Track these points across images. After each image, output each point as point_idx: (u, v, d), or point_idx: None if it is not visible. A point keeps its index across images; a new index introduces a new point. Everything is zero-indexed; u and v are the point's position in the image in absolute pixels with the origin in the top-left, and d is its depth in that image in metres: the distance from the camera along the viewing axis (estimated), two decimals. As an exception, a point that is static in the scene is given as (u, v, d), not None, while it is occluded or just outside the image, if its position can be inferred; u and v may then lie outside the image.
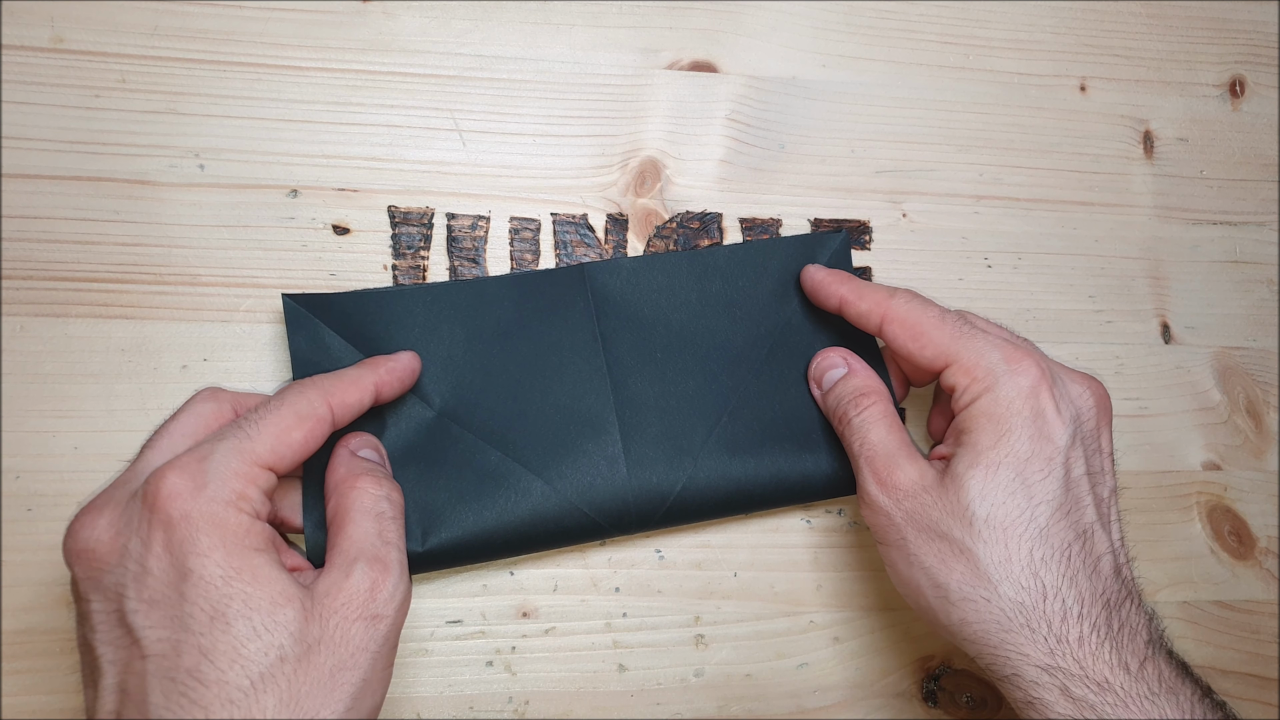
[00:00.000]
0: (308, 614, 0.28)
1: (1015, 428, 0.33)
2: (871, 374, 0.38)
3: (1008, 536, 0.31)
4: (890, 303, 0.36)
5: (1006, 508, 0.32)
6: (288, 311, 0.36)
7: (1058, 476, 0.32)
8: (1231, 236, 0.45)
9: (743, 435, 0.38)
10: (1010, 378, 0.33)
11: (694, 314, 0.39)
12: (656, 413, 0.38)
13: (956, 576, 0.32)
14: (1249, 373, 0.45)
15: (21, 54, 0.36)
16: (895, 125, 0.42)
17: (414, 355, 0.35)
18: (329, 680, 0.27)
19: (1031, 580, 0.31)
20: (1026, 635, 0.30)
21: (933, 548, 0.32)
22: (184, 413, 0.31)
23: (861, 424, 0.36)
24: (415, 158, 0.38)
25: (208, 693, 0.26)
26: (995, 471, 0.32)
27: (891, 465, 0.34)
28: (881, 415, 0.36)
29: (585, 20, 0.40)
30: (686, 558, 0.39)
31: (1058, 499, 0.32)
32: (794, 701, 0.39)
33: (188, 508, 0.27)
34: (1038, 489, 0.32)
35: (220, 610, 0.26)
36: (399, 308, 0.37)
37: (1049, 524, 0.31)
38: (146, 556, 0.27)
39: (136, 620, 0.27)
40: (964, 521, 0.32)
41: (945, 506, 0.32)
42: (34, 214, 0.36)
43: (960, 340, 0.34)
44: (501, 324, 0.37)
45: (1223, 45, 0.46)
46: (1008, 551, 0.31)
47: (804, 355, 0.39)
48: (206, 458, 0.28)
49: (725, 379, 0.39)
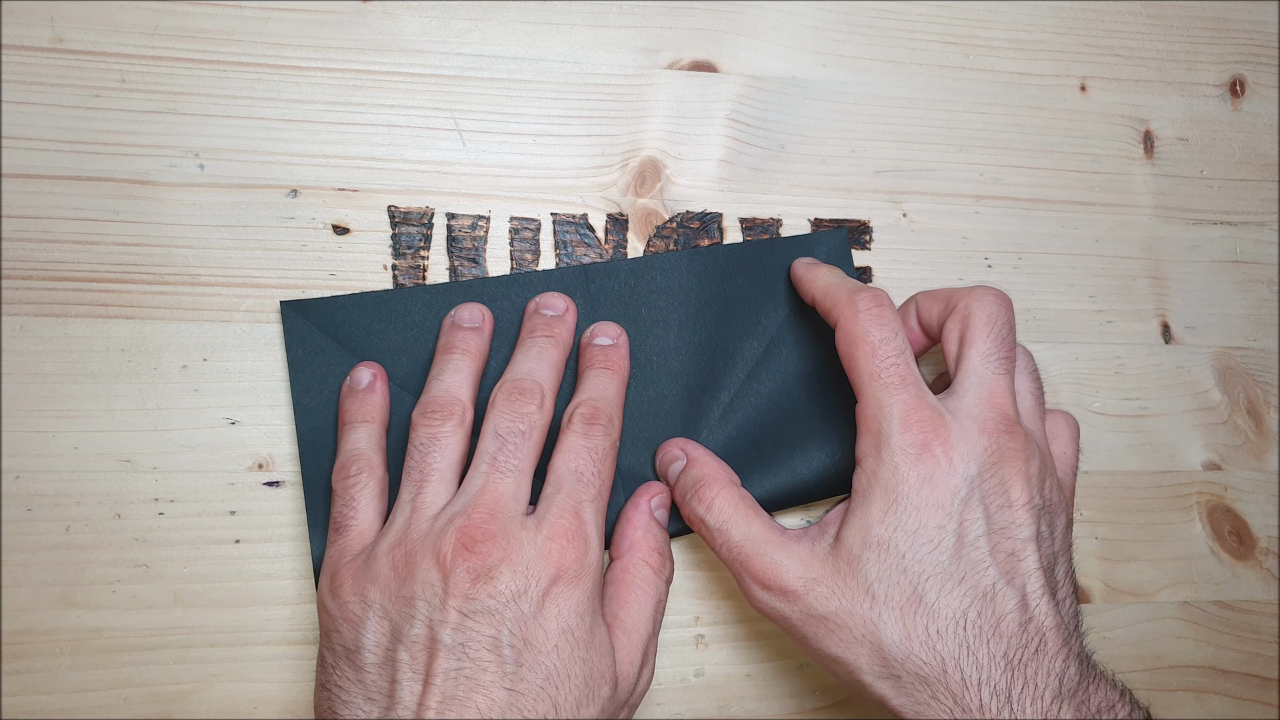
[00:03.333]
0: None
1: (902, 497, 0.31)
2: (705, 456, 0.36)
3: (904, 615, 0.31)
4: (844, 312, 0.34)
5: (900, 586, 0.31)
6: (285, 319, 0.36)
7: (948, 546, 0.31)
8: (1232, 236, 0.45)
9: (738, 436, 0.38)
10: (899, 438, 0.32)
11: (692, 313, 0.39)
12: (651, 416, 0.38)
13: (865, 660, 0.31)
14: (1249, 373, 0.45)
15: (21, 54, 0.36)
16: (895, 125, 0.42)
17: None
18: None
19: (931, 655, 0.30)
20: (936, 707, 0.30)
21: (837, 637, 0.32)
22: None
23: (716, 522, 0.34)
24: (415, 158, 0.38)
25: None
26: (887, 550, 0.31)
27: (768, 565, 0.33)
28: (731, 505, 0.34)
29: (585, 20, 0.40)
30: (686, 558, 0.39)
31: (947, 570, 0.31)
32: (794, 701, 0.39)
33: (569, 570, 0.31)
34: (927, 562, 0.31)
35: None
36: (397, 309, 0.37)
37: (939, 597, 0.31)
38: None
39: None
40: (866, 604, 0.31)
41: (843, 591, 0.32)
42: (34, 214, 0.36)
43: (871, 384, 0.33)
44: (501, 324, 0.37)
45: (1223, 45, 0.46)
46: (905, 630, 0.31)
47: (802, 354, 0.39)
48: (587, 520, 0.32)
49: (722, 379, 0.39)
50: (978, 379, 0.33)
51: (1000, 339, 0.34)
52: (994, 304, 0.34)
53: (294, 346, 0.36)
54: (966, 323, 0.34)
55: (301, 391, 0.36)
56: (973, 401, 0.33)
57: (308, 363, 0.36)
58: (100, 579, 0.35)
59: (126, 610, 0.35)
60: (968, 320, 0.34)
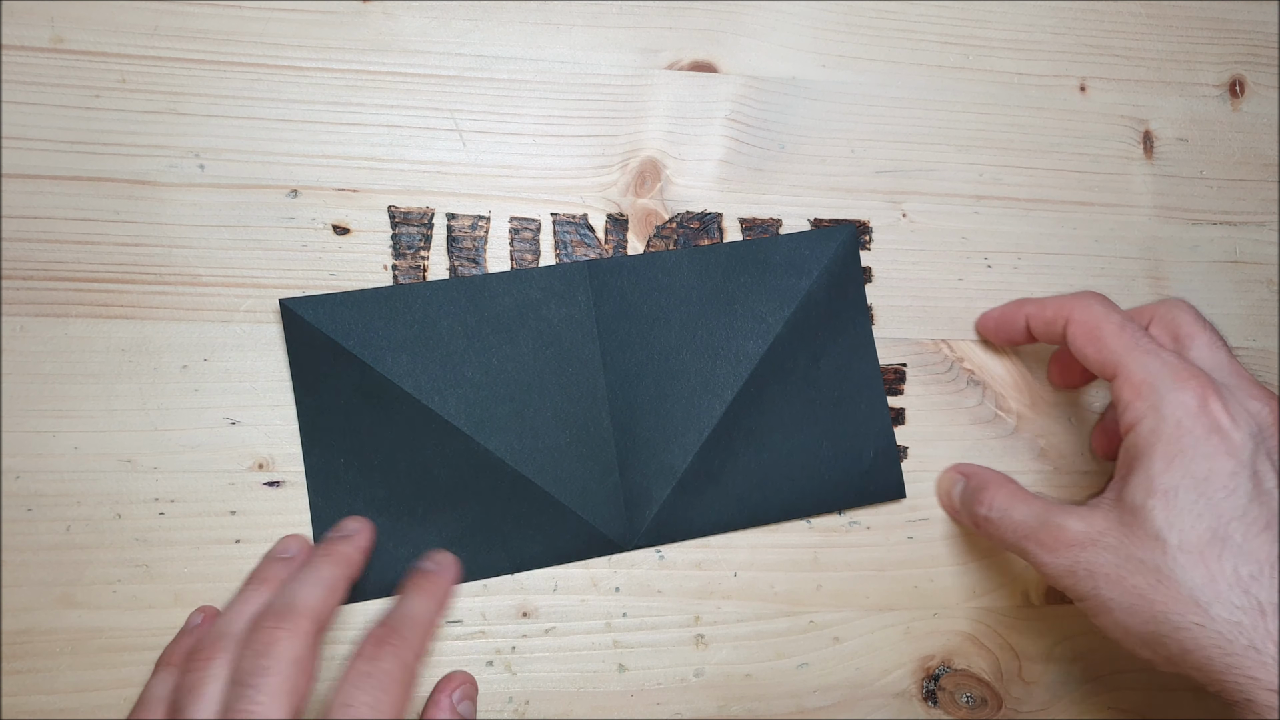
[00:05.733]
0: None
1: (1187, 448, 0.31)
2: (981, 469, 0.38)
3: (1206, 559, 0.30)
4: (1073, 304, 0.36)
5: (1196, 530, 0.30)
6: (285, 319, 0.36)
7: (1245, 491, 0.31)
8: (1231, 236, 0.45)
9: (744, 438, 0.38)
10: (1176, 394, 0.32)
11: (694, 311, 0.39)
12: (653, 415, 0.38)
13: (1161, 607, 0.30)
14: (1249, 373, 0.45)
15: (21, 54, 0.36)
16: (895, 125, 0.42)
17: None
18: None
19: (1245, 598, 0.29)
20: (1253, 657, 0.29)
21: (1128, 586, 0.31)
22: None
23: (998, 514, 0.35)
24: (415, 158, 0.39)
25: None
26: (1175, 496, 0.31)
27: (1050, 529, 0.33)
28: (1007, 495, 0.35)
29: (585, 20, 0.40)
30: (686, 558, 0.39)
31: (1251, 514, 0.30)
32: (794, 701, 0.39)
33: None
34: (1225, 506, 0.30)
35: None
36: (398, 305, 0.37)
37: (1245, 540, 0.30)
38: None
39: None
40: (1157, 551, 0.31)
41: (1132, 543, 0.31)
42: (34, 214, 0.36)
43: (1131, 353, 0.33)
44: (502, 319, 0.37)
45: (1223, 45, 0.46)
46: (1210, 573, 0.30)
47: (805, 354, 0.39)
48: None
49: (725, 378, 0.39)
50: (1215, 360, 0.35)
51: (1210, 328, 0.36)
52: (1191, 309, 0.36)
53: (295, 345, 0.36)
54: (1176, 325, 0.36)
55: (303, 390, 0.36)
56: (1225, 375, 0.34)
57: (309, 361, 0.36)
58: (100, 579, 0.35)
59: (127, 610, 0.35)
60: (1175, 323, 0.36)
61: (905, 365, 0.41)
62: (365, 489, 0.36)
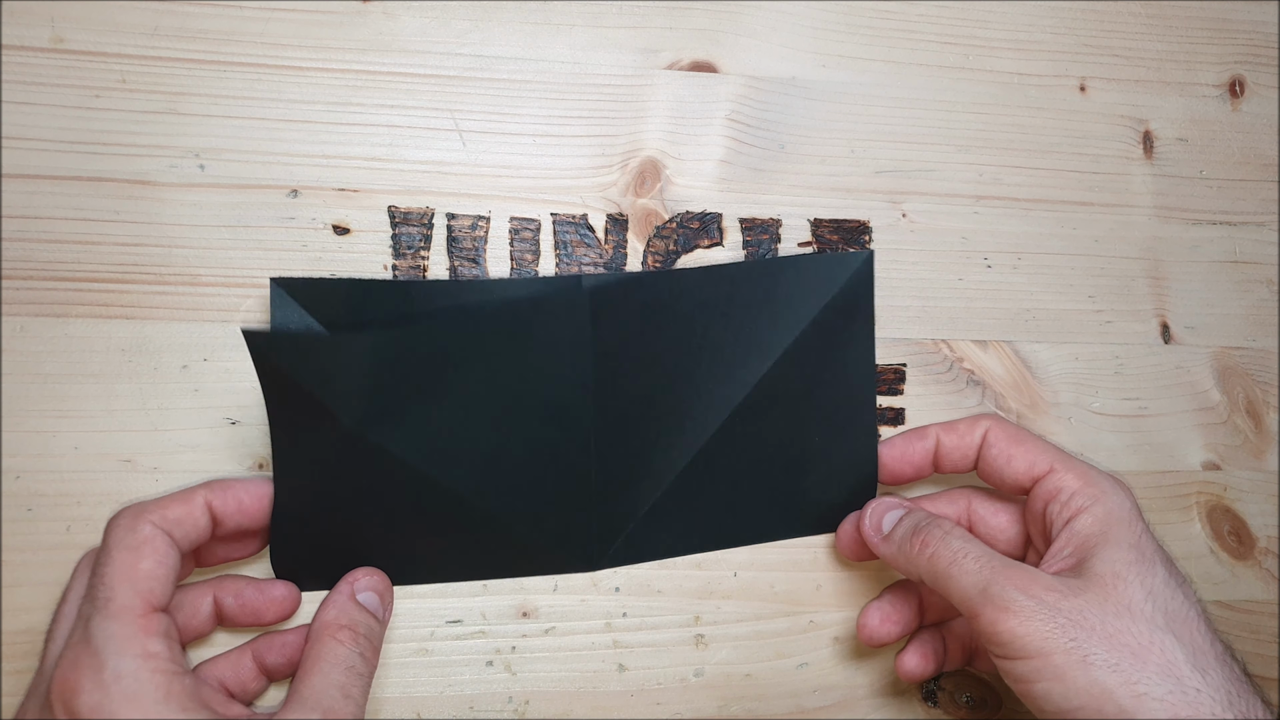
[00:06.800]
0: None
1: (1143, 533, 0.33)
2: (925, 510, 0.36)
3: (1190, 630, 0.31)
4: (986, 418, 0.38)
5: (1175, 602, 0.31)
6: (274, 297, 0.35)
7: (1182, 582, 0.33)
8: (1231, 236, 0.45)
9: (736, 461, 0.38)
10: (1116, 494, 0.34)
11: (696, 342, 0.37)
12: (641, 436, 0.37)
13: (1153, 671, 0.29)
14: (1249, 373, 0.45)
15: (21, 54, 0.36)
16: (895, 125, 0.42)
17: (261, 483, 0.34)
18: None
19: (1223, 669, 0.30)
20: None
21: (1112, 645, 0.30)
22: (70, 591, 0.32)
23: (948, 552, 0.33)
24: (415, 158, 0.39)
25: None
26: (1153, 568, 0.32)
27: (1016, 569, 0.32)
28: (957, 531, 0.34)
29: (585, 20, 0.40)
30: (686, 558, 0.39)
31: (1193, 604, 0.32)
32: (794, 701, 0.39)
33: (97, 700, 0.26)
34: (1185, 590, 0.32)
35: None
36: (397, 299, 0.36)
37: (1202, 623, 0.31)
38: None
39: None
40: (1143, 620, 0.30)
41: (1111, 607, 0.31)
42: (34, 214, 0.36)
43: (1062, 453, 0.36)
44: (486, 344, 0.35)
45: (1223, 45, 0.46)
46: (1194, 643, 0.30)
47: (805, 381, 0.39)
48: (89, 639, 0.27)
49: (716, 405, 0.38)
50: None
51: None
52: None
53: (266, 381, 0.33)
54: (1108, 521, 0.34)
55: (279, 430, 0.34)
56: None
57: (280, 401, 0.33)
58: (100, 579, 0.35)
59: (127, 610, 0.35)
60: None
61: (905, 365, 0.41)
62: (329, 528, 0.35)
